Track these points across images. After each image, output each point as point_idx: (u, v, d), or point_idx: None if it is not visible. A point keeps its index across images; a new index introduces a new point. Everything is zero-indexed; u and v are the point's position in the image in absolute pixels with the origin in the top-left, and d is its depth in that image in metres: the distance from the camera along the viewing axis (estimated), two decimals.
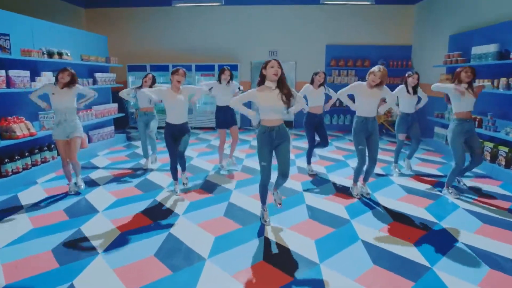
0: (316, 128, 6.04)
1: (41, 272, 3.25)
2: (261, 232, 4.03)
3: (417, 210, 4.67)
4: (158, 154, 7.07)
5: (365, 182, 5.18)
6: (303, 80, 11.16)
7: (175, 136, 5.05)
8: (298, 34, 11.20)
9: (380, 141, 5.52)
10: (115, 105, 9.04)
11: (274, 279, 3.15)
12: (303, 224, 4.27)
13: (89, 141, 8.10)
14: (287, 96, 3.74)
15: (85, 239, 3.89)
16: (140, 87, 6.52)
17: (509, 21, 6.36)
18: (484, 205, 4.82)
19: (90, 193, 5.32)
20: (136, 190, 5.50)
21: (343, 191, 5.38)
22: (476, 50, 6.89)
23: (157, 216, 4.49)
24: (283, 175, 3.92)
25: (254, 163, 6.88)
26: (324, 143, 6.12)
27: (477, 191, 5.39)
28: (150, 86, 6.36)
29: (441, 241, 3.82)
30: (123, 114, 9.41)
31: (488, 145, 6.32)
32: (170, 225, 4.22)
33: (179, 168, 5.31)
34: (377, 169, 6.43)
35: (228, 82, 6.10)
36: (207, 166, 6.84)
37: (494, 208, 4.72)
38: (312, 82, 5.91)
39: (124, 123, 11.16)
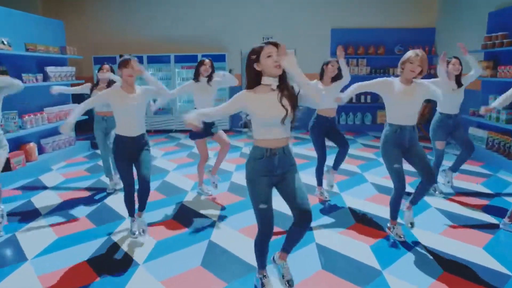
0: (327, 135, 4.88)
1: None
2: None
3: (474, 249, 3.59)
4: None
5: (412, 204, 4.00)
6: (304, 71, 10.06)
7: (131, 155, 3.90)
8: (297, 17, 10.18)
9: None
10: (76, 105, 7.90)
11: None
12: (314, 279, 3.18)
13: (41, 151, 6.98)
14: (291, 100, 2.59)
15: None
16: (96, 84, 5.45)
17: None
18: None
19: (24, 229, 4.23)
20: (88, 222, 4.42)
21: (365, 222, 4.30)
22: None
23: (106, 268, 3.39)
24: (303, 218, 2.70)
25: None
26: (342, 149, 4.94)
27: None
28: (109, 84, 5.27)
29: None
30: (86, 117, 8.25)
31: None
32: (123, 282, 3.13)
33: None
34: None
35: (210, 79, 4.91)
36: (184, 184, 5.74)
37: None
38: (321, 77, 4.74)
39: (89, 127, 10.04)
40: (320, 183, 5.03)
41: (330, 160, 5.09)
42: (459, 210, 4.59)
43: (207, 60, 4.88)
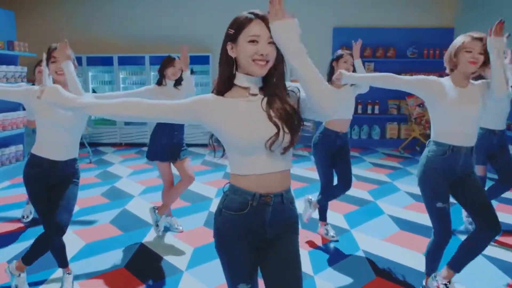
0: (335, 157, 3.90)
1: None
2: None
3: None
4: None
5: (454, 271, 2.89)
6: None
7: (50, 186, 2.90)
8: (295, 14, 9.23)
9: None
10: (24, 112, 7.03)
11: None
12: None
13: None
14: (283, 114, 1.60)
15: None
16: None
17: None
18: None
19: None
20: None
21: (388, 275, 3.33)
22: None
23: None
24: None
25: None
26: (343, 186, 3.94)
27: None
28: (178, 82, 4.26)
29: None
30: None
31: None
32: None
33: None
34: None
35: (178, 82, 4.06)
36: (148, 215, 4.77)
37: None
38: (330, 78, 3.74)
39: None
40: (323, 217, 4.07)
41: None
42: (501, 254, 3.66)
43: (177, 60, 3.99)
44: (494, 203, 4.43)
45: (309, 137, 3.73)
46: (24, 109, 7.23)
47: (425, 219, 4.47)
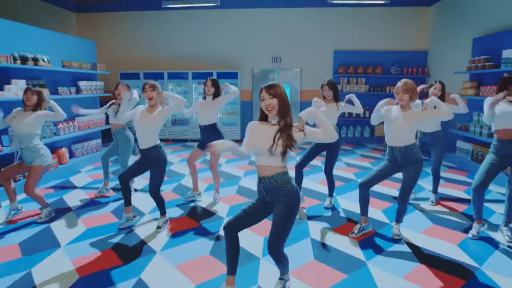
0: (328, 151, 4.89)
1: None
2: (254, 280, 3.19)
3: (449, 247, 3.81)
4: None
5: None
6: (309, 88, 10.39)
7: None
8: (303, 39, 10.42)
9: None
10: (103, 116, 8.27)
11: None
12: (307, 267, 3.43)
13: (71, 156, 7.35)
14: (286, 139, 2.58)
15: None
16: (113, 103, 5.62)
17: None
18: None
19: (58, 221, 4.55)
20: (112, 217, 4.71)
21: (356, 221, 4.53)
22: (508, 53, 6.04)
23: (128, 256, 3.66)
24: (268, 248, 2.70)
25: (253, 183, 6.07)
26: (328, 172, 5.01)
27: None
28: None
29: None
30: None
31: None
32: (142, 267, 3.41)
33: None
34: (389, 191, 5.57)
35: (215, 95, 5.03)
36: (200, 187, 6.02)
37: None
38: (324, 97, 4.81)
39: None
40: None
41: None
42: (442, 213, 4.80)
43: (208, 80, 5.02)
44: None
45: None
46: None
47: (388, 190, 5.67)
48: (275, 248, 2.66)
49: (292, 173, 3.14)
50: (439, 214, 4.78)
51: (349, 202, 5.23)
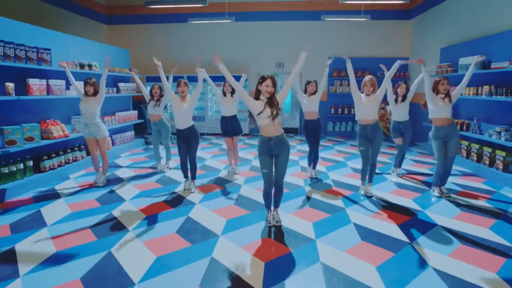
0: (312, 134, 6.21)
1: (83, 243, 3.81)
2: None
3: (406, 201, 5.16)
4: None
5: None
6: None
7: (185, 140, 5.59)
8: (302, 47, 11.31)
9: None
10: (135, 112, 9.65)
11: (276, 250, 3.68)
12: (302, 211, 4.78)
13: (113, 143, 8.70)
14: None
15: (116, 219, 4.45)
16: (151, 100, 6.93)
17: (491, 35, 6.87)
18: (466, 197, 5.29)
19: (117, 186, 5.89)
20: (157, 184, 6.05)
21: (340, 186, 5.88)
22: (462, 61, 7.39)
23: (176, 205, 5.03)
24: (278, 186, 4.16)
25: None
26: (312, 151, 6.27)
27: (462, 187, 5.85)
28: (160, 97, 6.80)
29: (423, 224, 4.30)
30: (142, 121, 10.02)
31: (475, 146, 6.79)
32: (188, 211, 4.76)
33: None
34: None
35: (232, 94, 6.49)
36: (219, 166, 7.38)
37: (474, 199, 5.19)
38: (305, 91, 6.18)
39: (143, 129, 11.81)
40: (309, 163, 6.46)
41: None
42: (407, 182, 6.15)
43: (227, 82, 6.47)
44: (409, 163, 6.93)
45: (304, 129, 6.20)
46: (133, 109, 9.91)
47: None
48: (281, 183, 4.16)
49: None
50: (405, 183, 6.13)
51: (337, 175, 6.59)
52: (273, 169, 4.11)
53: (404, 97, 6.26)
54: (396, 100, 6.20)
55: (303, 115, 6.28)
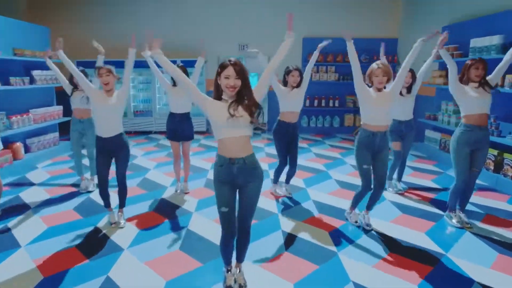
0: (288, 142, 5.00)
1: None
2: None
3: (418, 236, 4.07)
4: None
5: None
6: (279, 78, 10.50)
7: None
8: (271, 26, 10.49)
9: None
10: (60, 107, 8.13)
11: None
12: (279, 259, 3.59)
13: (26, 150, 7.18)
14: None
15: None
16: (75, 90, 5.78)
17: (507, 10, 5.91)
18: (495, 226, 4.26)
19: (18, 218, 4.53)
20: (75, 214, 4.70)
21: (326, 212, 4.73)
22: (475, 42, 6.39)
23: (94, 251, 3.71)
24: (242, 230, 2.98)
25: None
26: (291, 166, 5.11)
27: (483, 208, 4.85)
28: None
29: (451, 278, 3.21)
30: (70, 118, 8.48)
31: (492, 152, 5.82)
32: (110, 265, 3.46)
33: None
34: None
35: (175, 84, 5.21)
36: (165, 180, 6.07)
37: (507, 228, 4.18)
38: (285, 83, 4.97)
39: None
40: (275, 180, 5.31)
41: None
42: (410, 202, 5.08)
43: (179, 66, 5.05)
44: (406, 172, 5.91)
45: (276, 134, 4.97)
46: (58, 104, 8.38)
47: (359, 181, 5.91)
48: (248, 227, 2.96)
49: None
50: (408, 203, 5.05)
51: (320, 193, 5.44)
52: (237, 206, 2.92)
53: (409, 89, 5.17)
54: (400, 93, 5.00)
55: (278, 115, 5.03)
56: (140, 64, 10.30)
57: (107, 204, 4.39)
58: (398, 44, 10.44)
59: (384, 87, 3.91)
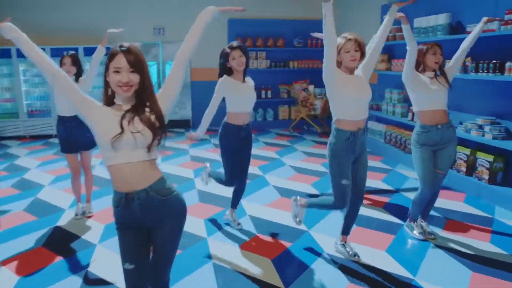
0: (238, 150, 3.88)
1: None
2: None
3: (376, 254, 3.54)
4: None
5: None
6: (200, 66, 9.74)
7: None
8: (190, 7, 9.59)
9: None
10: None
11: None
12: None
13: None
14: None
15: None
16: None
17: None
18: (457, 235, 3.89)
19: None
20: (27, 215, 3.66)
21: (265, 232, 4.08)
22: (420, 22, 6.12)
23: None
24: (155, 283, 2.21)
25: None
26: (233, 178, 3.97)
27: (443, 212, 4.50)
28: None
29: None
30: None
31: None
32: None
33: None
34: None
35: (77, 77, 4.27)
36: (62, 200, 5.07)
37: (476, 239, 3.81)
38: (226, 71, 3.77)
39: None
40: (234, 204, 4.26)
41: None
42: (363, 210, 4.57)
43: (66, 56, 4.21)
44: None
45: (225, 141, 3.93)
46: None
47: (303, 187, 5.36)
48: (165, 284, 2.23)
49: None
50: (361, 212, 4.53)
51: (256, 206, 4.78)
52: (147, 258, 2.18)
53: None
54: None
55: (225, 117, 3.91)
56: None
57: None
58: (336, 26, 10.06)
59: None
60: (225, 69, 3.78)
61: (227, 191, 4.61)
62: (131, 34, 9.47)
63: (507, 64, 4.61)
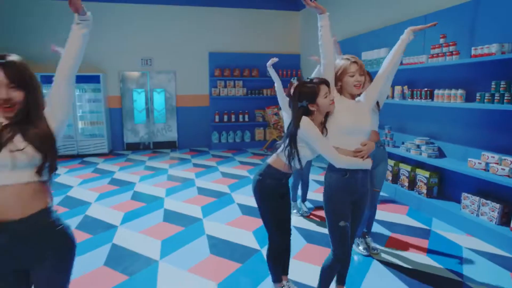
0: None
1: None
2: None
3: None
4: None
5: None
6: (184, 93, 9.56)
7: None
8: (175, 40, 9.46)
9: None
10: None
11: None
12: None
13: None
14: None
15: None
16: None
17: (399, 23, 5.57)
18: (400, 250, 3.65)
19: None
20: None
21: (220, 253, 3.81)
22: (366, 55, 5.98)
23: None
24: None
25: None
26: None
27: (386, 225, 4.27)
28: None
29: None
30: None
31: (389, 163, 5.33)
32: None
33: None
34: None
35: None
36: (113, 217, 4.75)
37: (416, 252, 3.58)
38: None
39: None
40: None
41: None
42: (313, 227, 4.35)
43: None
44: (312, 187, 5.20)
45: None
46: None
47: None
48: None
49: None
50: (311, 228, 4.32)
51: (217, 224, 4.53)
52: None
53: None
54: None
55: None
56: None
57: None
58: (301, 60, 9.99)
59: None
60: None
61: (194, 211, 4.41)
62: (123, 64, 9.35)
63: (435, 92, 4.49)
